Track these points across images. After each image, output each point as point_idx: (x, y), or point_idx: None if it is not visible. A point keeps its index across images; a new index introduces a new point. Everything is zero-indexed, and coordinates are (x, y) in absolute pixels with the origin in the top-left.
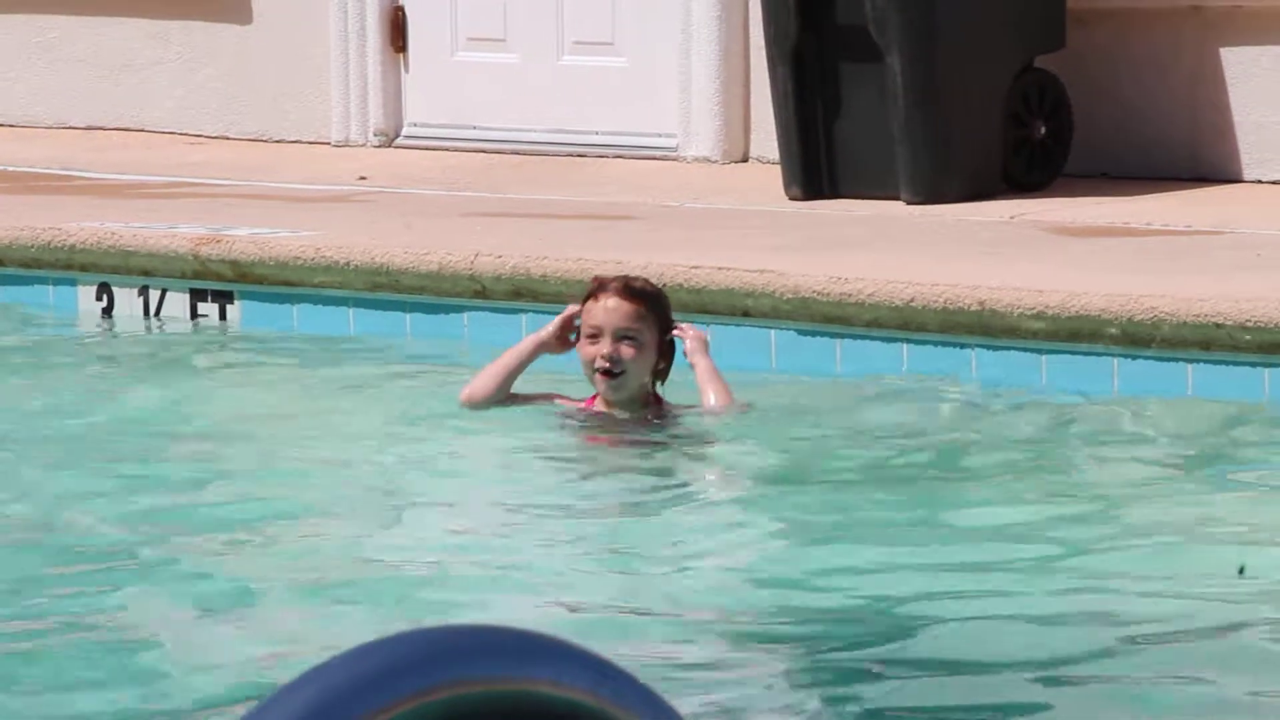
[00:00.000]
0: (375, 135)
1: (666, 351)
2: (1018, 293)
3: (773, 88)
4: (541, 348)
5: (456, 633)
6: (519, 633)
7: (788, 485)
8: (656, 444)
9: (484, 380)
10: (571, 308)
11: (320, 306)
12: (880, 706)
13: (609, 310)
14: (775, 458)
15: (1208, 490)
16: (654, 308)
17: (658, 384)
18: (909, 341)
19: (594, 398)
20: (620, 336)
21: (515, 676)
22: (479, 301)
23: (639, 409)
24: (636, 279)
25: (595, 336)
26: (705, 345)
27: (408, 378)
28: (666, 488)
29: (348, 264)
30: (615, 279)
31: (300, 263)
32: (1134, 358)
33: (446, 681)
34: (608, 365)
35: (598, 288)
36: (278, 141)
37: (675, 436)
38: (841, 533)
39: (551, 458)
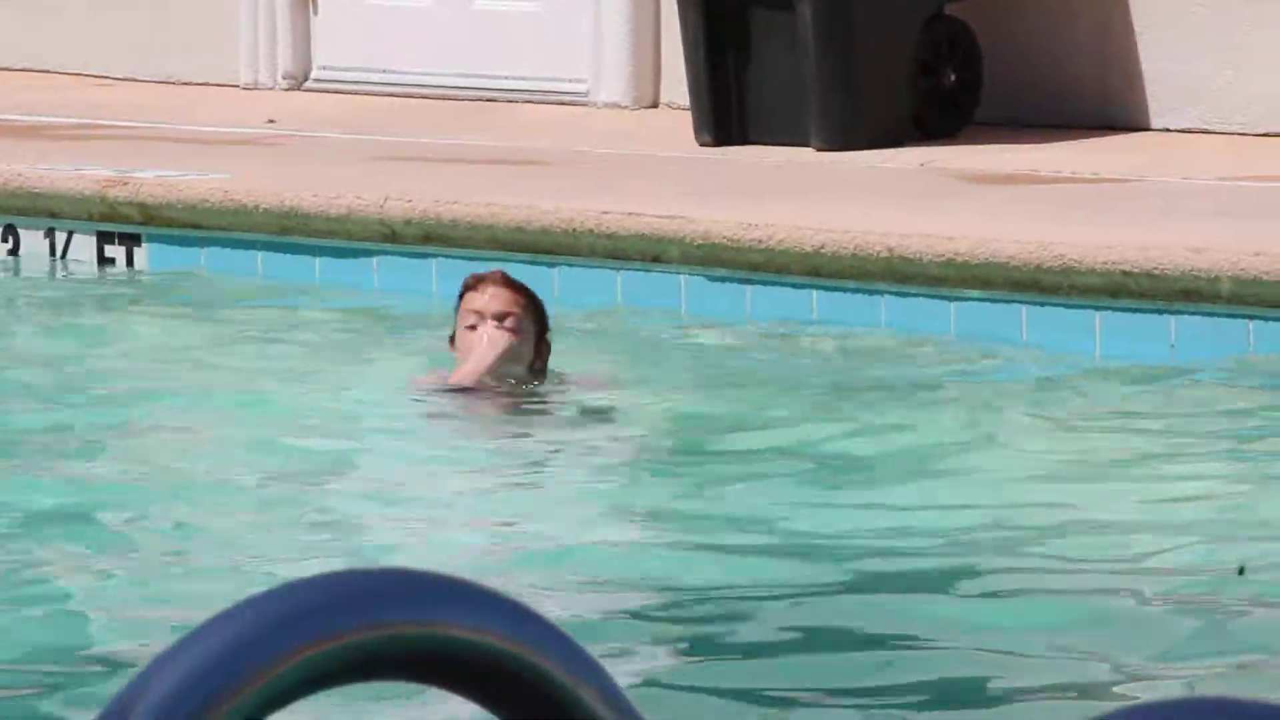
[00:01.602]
0: (284, 79)
1: (543, 351)
2: (927, 239)
3: (683, 33)
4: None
5: (366, 575)
6: (431, 575)
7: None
8: (540, 408)
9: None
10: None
11: (228, 250)
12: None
13: (491, 296)
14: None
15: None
16: (533, 300)
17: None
18: (819, 289)
19: (454, 375)
20: (501, 318)
21: (427, 620)
22: (388, 246)
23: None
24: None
25: (474, 326)
26: None
27: (312, 326)
28: (561, 450)
29: (256, 207)
30: (492, 272)
31: (208, 206)
32: (1042, 305)
33: (357, 625)
34: (502, 327)
35: (475, 281)
36: (186, 84)
37: (557, 402)
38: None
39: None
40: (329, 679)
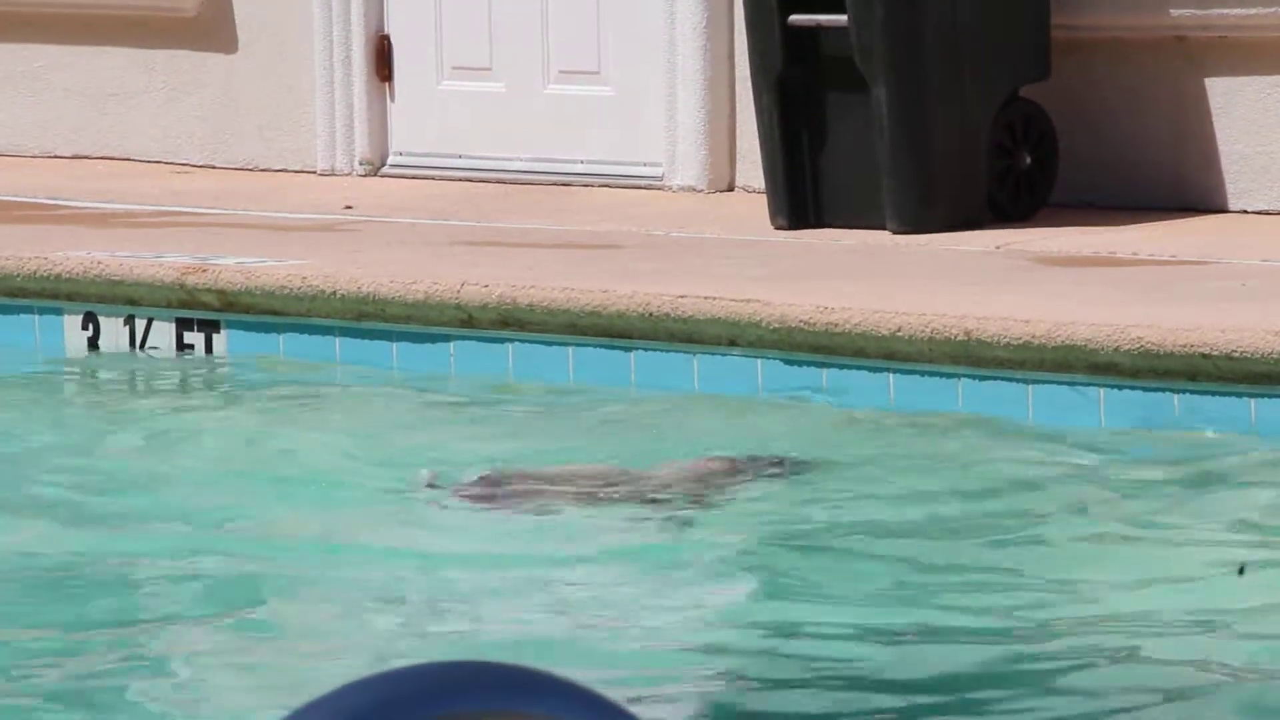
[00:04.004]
0: (361, 164)
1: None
2: (1004, 322)
3: (758, 117)
4: None
5: (454, 667)
6: (516, 668)
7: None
8: None
9: None
10: None
11: (306, 335)
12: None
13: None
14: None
15: (1200, 522)
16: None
17: None
18: (895, 371)
19: None
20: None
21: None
22: (465, 330)
23: None
24: None
25: None
26: None
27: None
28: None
29: (333, 293)
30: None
31: (286, 292)
32: (1120, 388)
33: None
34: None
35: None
36: (264, 170)
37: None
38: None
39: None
40: None
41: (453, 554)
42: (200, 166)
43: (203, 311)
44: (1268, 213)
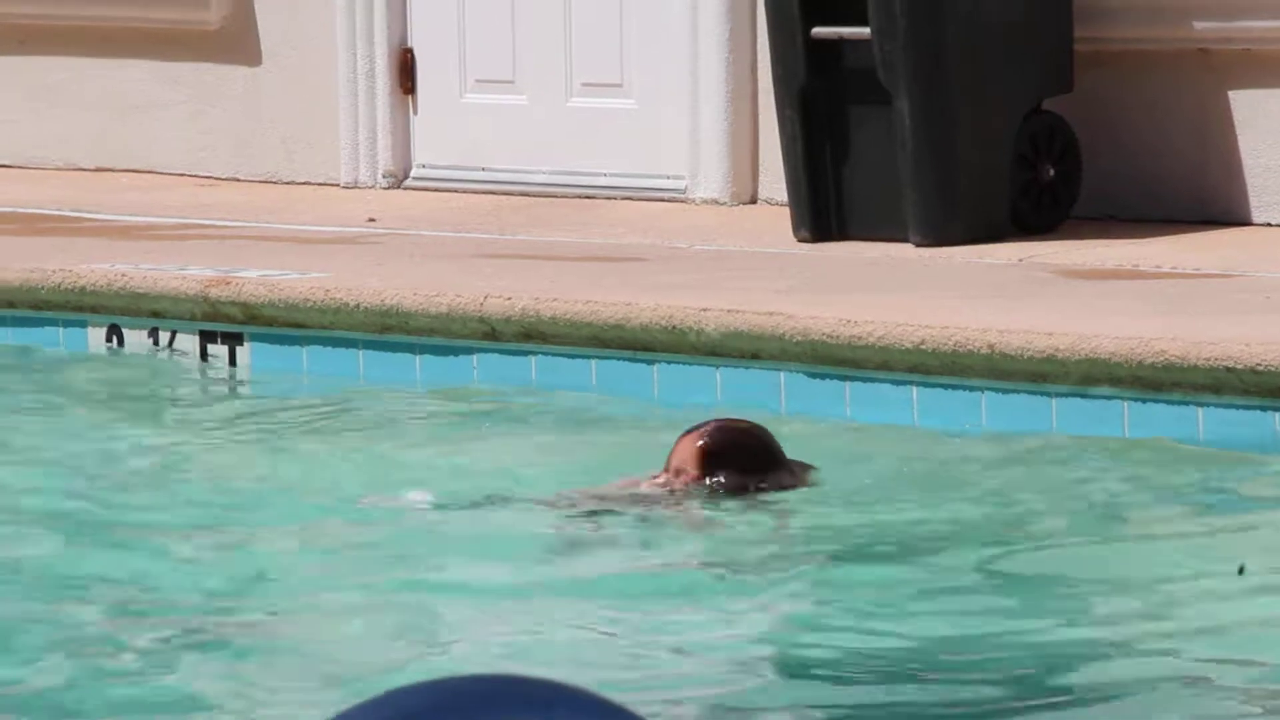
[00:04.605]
0: (384, 177)
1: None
2: (1028, 335)
3: (781, 130)
4: None
5: (476, 681)
6: (539, 680)
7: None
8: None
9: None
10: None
11: (330, 348)
12: None
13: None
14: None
15: (1223, 535)
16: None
17: None
18: (919, 385)
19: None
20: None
21: None
22: (489, 343)
23: None
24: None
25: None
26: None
27: (414, 424)
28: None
29: (357, 306)
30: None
31: (310, 304)
32: (1144, 401)
33: None
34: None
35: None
36: (287, 183)
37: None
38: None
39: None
40: None
41: (462, 570)
42: (224, 179)
43: (226, 324)
44: None
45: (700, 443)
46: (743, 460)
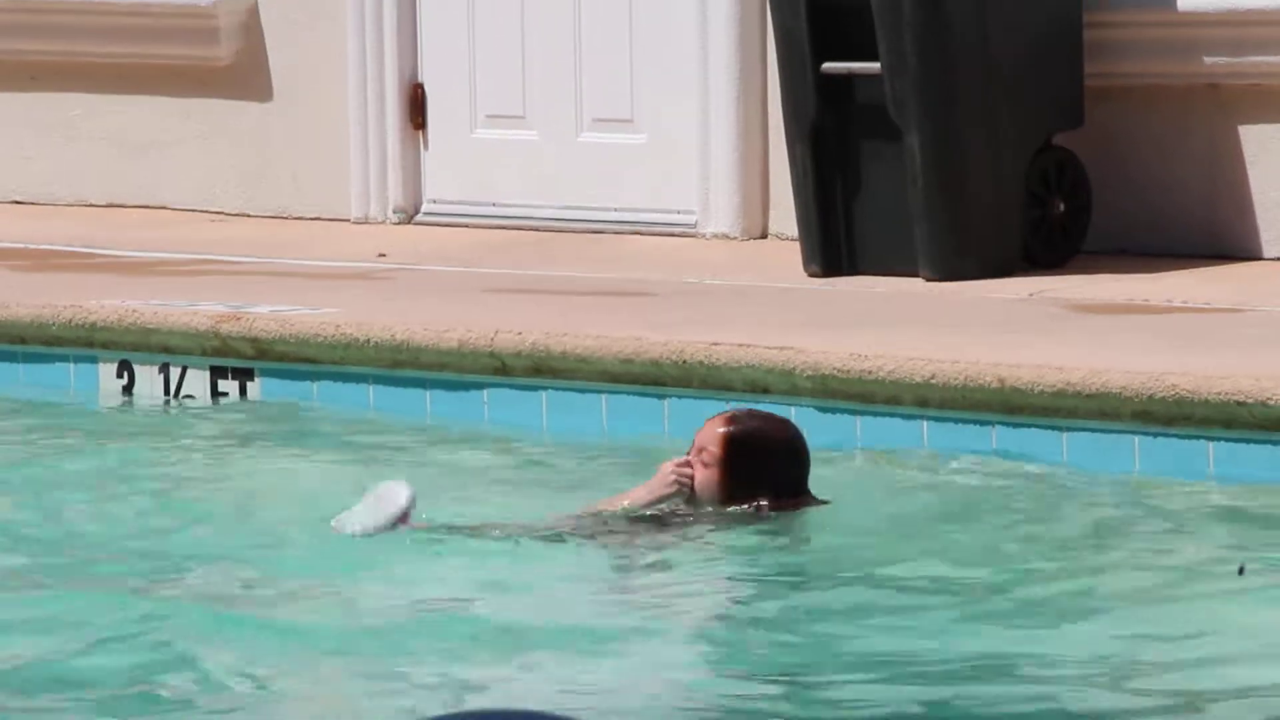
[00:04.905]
0: (395, 212)
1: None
2: (1038, 370)
3: (791, 165)
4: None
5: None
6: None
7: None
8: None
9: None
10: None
11: (340, 384)
12: None
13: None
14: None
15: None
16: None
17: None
18: (929, 419)
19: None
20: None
21: None
22: (499, 378)
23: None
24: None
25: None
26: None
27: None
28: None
29: (368, 341)
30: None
31: (320, 340)
32: (1155, 435)
33: None
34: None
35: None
36: (298, 218)
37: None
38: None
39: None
40: None
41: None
42: (234, 215)
43: (237, 360)
44: None
45: (725, 428)
46: (764, 452)
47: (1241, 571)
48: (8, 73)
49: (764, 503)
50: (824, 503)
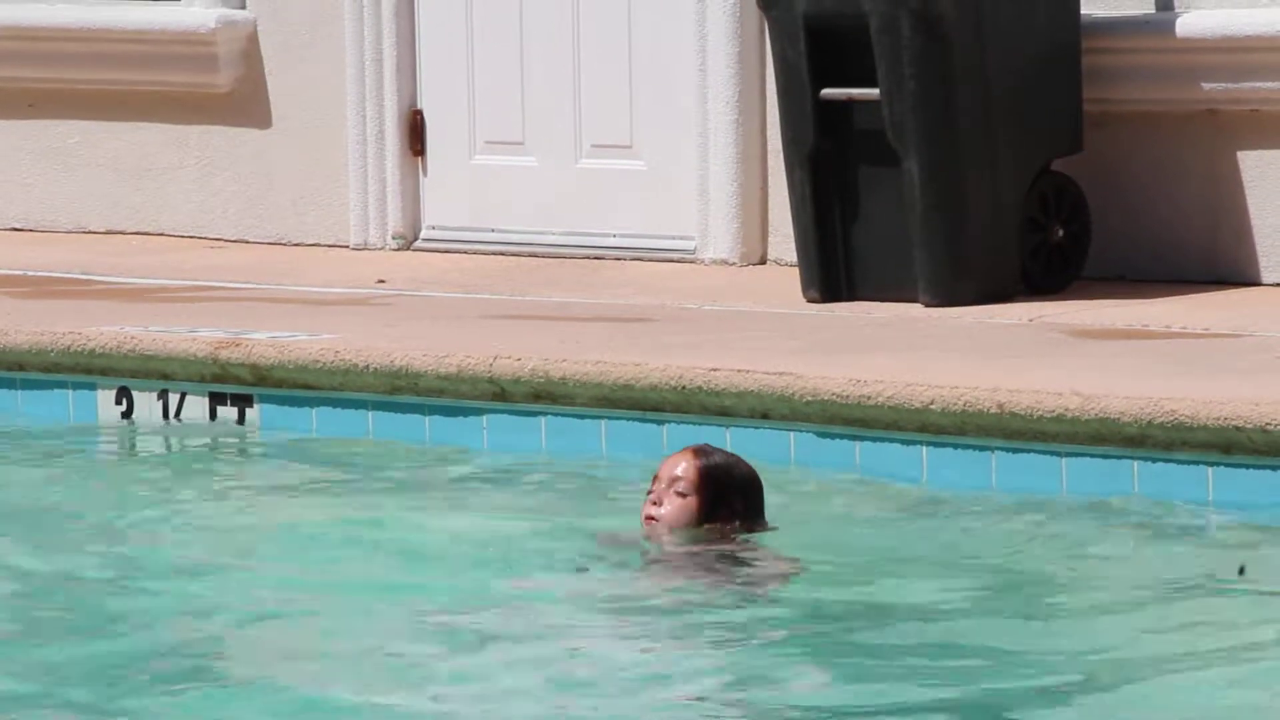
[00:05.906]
0: (394, 238)
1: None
2: (1037, 395)
3: (790, 191)
4: None
5: None
6: None
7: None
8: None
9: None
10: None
11: (339, 409)
12: None
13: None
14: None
15: (1236, 594)
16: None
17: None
18: (928, 444)
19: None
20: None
21: None
22: (498, 404)
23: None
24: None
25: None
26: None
27: (426, 485)
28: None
29: (366, 367)
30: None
31: (319, 366)
32: (1154, 461)
33: None
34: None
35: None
36: (297, 245)
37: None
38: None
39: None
40: None
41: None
42: (233, 241)
43: (236, 386)
44: None
45: (692, 458)
46: (731, 482)
47: (1242, 571)
48: (7, 100)
49: (736, 523)
50: (773, 528)
